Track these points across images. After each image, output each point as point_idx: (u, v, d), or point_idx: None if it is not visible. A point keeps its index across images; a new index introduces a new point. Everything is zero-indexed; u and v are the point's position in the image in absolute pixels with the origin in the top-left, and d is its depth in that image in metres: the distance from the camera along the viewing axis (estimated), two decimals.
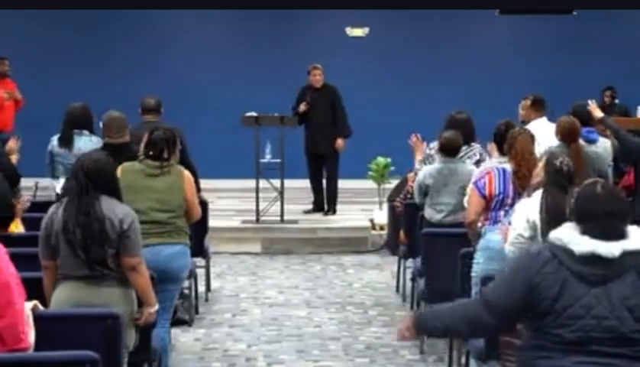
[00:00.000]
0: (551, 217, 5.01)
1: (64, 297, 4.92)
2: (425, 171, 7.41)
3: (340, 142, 11.36)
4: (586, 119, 7.88)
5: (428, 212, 7.36)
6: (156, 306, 5.16)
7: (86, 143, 7.80)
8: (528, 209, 5.14)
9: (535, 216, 5.07)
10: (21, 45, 14.14)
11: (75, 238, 4.90)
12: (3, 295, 4.26)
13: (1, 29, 14.21)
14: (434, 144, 7.79)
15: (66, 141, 7.88)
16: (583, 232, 3.53)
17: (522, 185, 5.70)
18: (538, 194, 5.12)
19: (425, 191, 7.33)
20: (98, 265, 4.92)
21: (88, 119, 7.99)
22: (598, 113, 8.19)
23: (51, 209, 5.04)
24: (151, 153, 6.00)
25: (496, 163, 6.21)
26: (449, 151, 7.29)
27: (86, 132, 7.91)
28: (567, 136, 7.26)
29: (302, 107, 11.27)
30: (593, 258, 3.49)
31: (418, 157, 7.94)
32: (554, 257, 3.54)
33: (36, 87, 13.42)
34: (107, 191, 4.99)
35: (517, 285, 3.58)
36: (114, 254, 4.95)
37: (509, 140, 5.97)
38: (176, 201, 6.01)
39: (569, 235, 3.55)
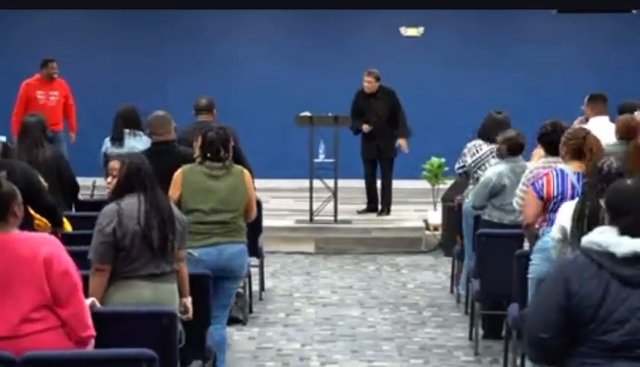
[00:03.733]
0: (583, 221, 4.84)
1: (130, 296, 4.96)
2: (494, 172, 7.18)
3: (403, 143, 11.31)
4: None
5: (496, 214, 7.16)
6: (190, 298, 5.29)
7: (138, 143, 7.94)
8: (563, 212, 5.10)
9: (566, 221, 4.99)
10: (74, 44, 14.26)
11: (153, 234, 4.97)
12: (64, 283, 4.23)
13: (56, 29, 14.35)
14: (475, 141, 7.81)
15: (119, 140, 8.03)
16: (622, 233, 3.44)
17: None
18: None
19: (496, 192, 7.13)
20: (164, 261, 5.03)
21: (138, 119, 8.18)
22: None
23: (109, 213, 5.02)
24: (209, 155, 6.03)
25: (541, 164, 6.14)
26: (516, 150, 7.19)
27: (140, 132, 8.05)
28: (625, 133, 7.10)
29: (366, 127, 11.10)
30: (635, 259, 3.41)
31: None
32: (591, 262, 3.45)
33: (92, 86, 13.55)
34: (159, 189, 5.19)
35: (555, 301, 3.46)
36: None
37: (574, 142, 5.76)
38: (239, 201, 6.10)
39: (608, 238, 3.46)
